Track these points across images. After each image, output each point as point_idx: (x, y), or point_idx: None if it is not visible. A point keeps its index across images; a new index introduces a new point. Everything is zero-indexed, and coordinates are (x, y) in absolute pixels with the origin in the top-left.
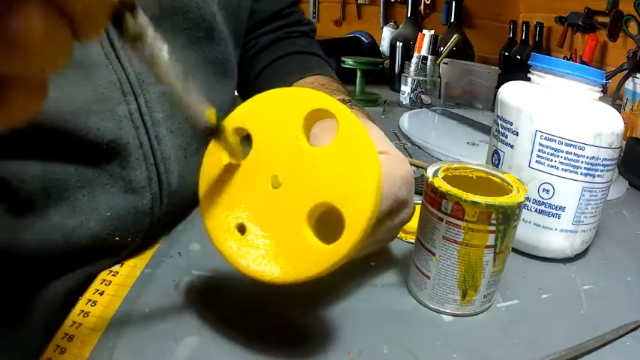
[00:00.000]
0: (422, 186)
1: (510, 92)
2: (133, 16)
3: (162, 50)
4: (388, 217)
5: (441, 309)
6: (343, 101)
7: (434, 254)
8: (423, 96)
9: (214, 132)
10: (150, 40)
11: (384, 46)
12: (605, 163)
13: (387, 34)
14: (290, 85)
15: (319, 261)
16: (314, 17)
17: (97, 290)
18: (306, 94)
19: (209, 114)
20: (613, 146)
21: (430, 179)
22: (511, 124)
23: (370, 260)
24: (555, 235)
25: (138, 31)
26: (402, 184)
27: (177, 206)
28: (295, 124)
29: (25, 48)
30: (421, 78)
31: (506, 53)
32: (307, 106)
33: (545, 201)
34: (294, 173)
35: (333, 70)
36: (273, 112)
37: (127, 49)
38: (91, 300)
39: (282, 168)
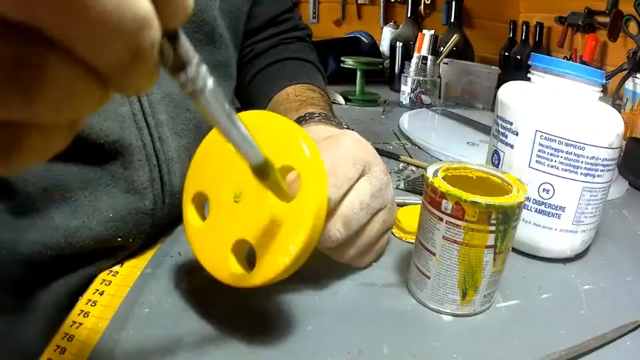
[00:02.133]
0: (422, 186)
1: (510, 92)
2: (172, 44)
3: (206, 84)
4: (357, 182)
5: (441, 309)
6: (311, 115)
7: (434, 254)
8: (423, 96)
9: (263, 171)
10: (193, 73)
11: (384, 46)
12: (605, 163)
13: (387, 34)
14: (270, 99)
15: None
16: (314, 17)
17: (97, 290)
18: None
19: (260, 153)
20: (613, 146)
21: (430, 179)
22: (511, 124)
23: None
24: (555, 235)
25: (179, 61)
26: (354, 150)
27: (179, 207)
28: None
29: (40, 99)
30: (421, 78)
31: (506, 53)
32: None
33: (545, 201)
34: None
35: (324, 74)
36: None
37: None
38: (91, 300)
39: (238, 181)
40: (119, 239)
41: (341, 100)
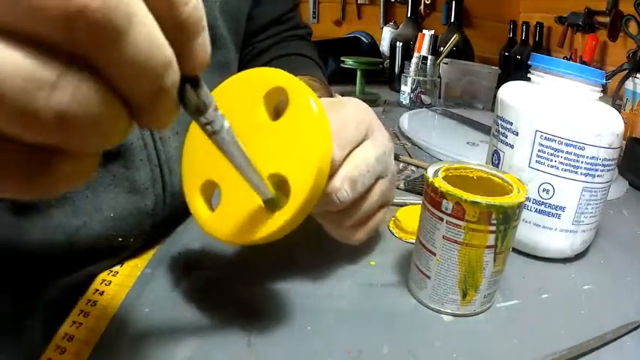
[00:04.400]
0: (422, 186)
1: (510, 92)
2: (194, 89)
3: (223, 125)
4: (360, 146)
5: (441, 309)
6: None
7: (434, 254)
8: (423, 96)
9: (272, 205)
10: (212, 116)
11: (384, 46)
12: (605, 163)
13: (387, 34)
14: None
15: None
16: (314, 17)
17: (97, 290)
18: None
19: (270, 188)
20: (613, 146)
21: (430, 179)
22: (511, 124)
23: (370, 260)
24: (555, 235)
25: (199, 104)
26: (357, 115)
27: (180, 207)
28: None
29: (73, 125)
30: (421, 78)
31: (507, 53)
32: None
33: (545, 201)
34: (254, 145)
35: (324, 71)
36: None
37: None
38: (91, 300)
39: (246, 141)
40: (120, 239)
41: None
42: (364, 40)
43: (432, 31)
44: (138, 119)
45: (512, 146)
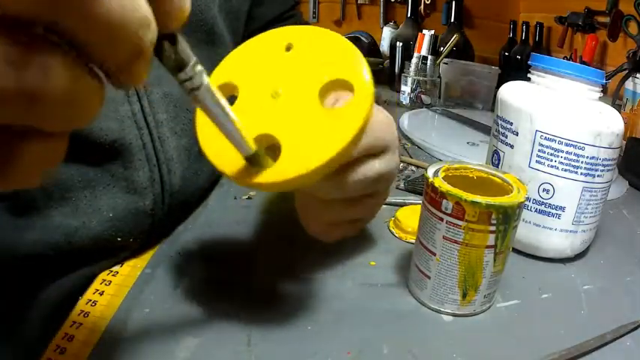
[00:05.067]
0: (422, 186)
1: (510, 92)
2: (172, 46)
3: (203, 82)
4: (371, 157)
5: (441, 309)
6: None
7: (434, 254)
8: (423, 96)
9: (254, 160)
10: (191, 72)
11: (384, 46)
12: (605, 163)
13: (387, 34)
14: None
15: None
16: (314, 17)
17: (97, 290)
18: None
19: (251, 143)
20: (613, 146)
21: (430, 179)
22: (511, 124)
23: (370, 260)
24: (555, 235)
25: (178, 61)
26: (381, 126)
27: (179, 207)
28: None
29: (43, 102)
30: (421, 78)
31: (507, 53)
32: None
33: (545, 201)
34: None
35: None
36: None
37: None
38: (91, 300)
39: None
40: (119, 239)
41: None
42: (364, 40)
43: (432, 31)
44: (113, 80)
45: (512, 146)
